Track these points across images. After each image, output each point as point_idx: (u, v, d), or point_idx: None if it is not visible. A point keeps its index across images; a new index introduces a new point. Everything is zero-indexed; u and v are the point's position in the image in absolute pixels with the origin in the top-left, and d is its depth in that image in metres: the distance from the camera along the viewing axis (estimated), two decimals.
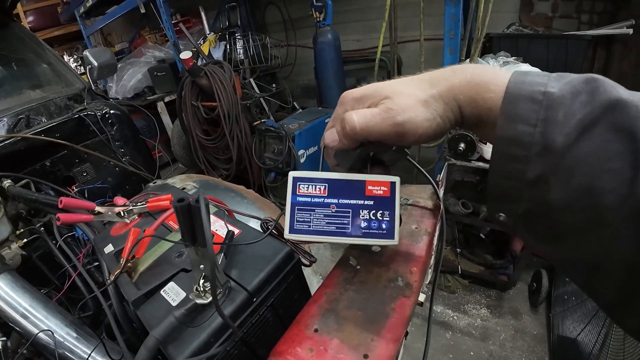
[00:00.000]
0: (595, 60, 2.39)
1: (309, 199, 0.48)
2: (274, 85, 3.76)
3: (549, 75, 0.33)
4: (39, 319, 0.77)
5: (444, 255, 2.28)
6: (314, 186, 0.48)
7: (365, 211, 0.47)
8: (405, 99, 0.38)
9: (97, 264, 0.90)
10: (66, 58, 5.34)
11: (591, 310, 1.72)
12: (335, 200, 0.48)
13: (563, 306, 1.90)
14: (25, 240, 1.05)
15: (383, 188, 0.47)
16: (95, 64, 1.72)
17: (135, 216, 0.87)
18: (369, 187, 0.47)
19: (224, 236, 0.65)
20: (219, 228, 0.71)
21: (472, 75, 0.36)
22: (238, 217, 0.83)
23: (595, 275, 0.31)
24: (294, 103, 3.93)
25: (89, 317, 0.85)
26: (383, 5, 2.40)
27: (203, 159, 3.21)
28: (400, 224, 0.48)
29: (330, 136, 0.44)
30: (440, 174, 0.76)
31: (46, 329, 0.74)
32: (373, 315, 0.46)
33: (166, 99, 3.92)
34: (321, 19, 2.76)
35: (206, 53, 3.27)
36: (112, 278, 0.66)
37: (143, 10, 3.37)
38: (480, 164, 1.77)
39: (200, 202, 0.40)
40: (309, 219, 0.48)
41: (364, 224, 0.47)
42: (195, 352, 0.49)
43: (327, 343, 0.43)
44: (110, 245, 0.79)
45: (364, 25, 3.55)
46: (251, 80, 3.44)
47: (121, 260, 0.68)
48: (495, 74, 0.35)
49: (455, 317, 2.10)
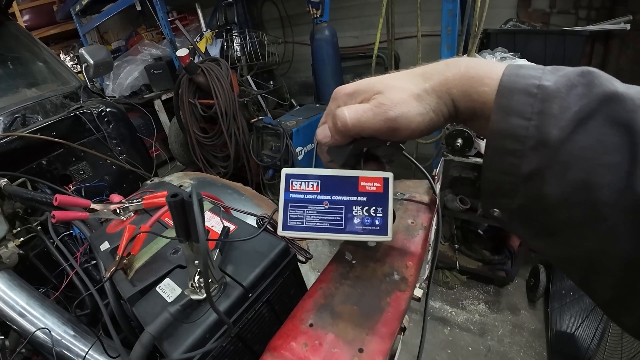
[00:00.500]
0: (592, 56, 2.39)
1: (301, 196, 0.48)
2: (271, 83, 3.76)
3: (544, 69, 0.32)
4: (36, 317, 0.77)
5: (442, 251, 2.28)
6: (306, 183, 0.48)
7: (359, 207, 0.47)
8: (398, 94, 0.37)
9: (95, 262, 0.90)
10: (62, 56, 5.31)
11: (589, 305, 1.73)
12: (328, 197, 0.47)
13: (561, 301, 1.91)
14: (22, 239, 1.05)
15: (376, 184, 0.47)
16: (92, 62, 1.72)
17: (131, 213, 0.87)
18: (362, 184, 0.47)
19: (220, 232, 0.65)
20: (215, 224, 0.71)
21: (466, 68, 0.35)
22: (235, 214, 0.83)
23: (591, 272, 0.30)
24: (292, 100, 3.94)
25: (87, 315, 0.85)
26: (380, 1, 2.40)
27: (201, 157, 3.20)
28: (394, 220, 0.48)
29: (323, 132, 0.43)
30: (436, 169, 0.76)
31: (43, 327, 0.74)
32: (368, 309, 0.46)
33: (163, 97, 3.91)
34: (318, 16, 2.75)
35: (203, 50, 3.25)
36: (108, 275, 0.66)
37: (139, 8, 3.36)
38: (478, 160, 1.77)
39: (192, 197, 0.40)
40: (302, 216, 0.47)
41: (357, 221, 0.47)
42: (191, 348, 0.49)
43: (322, 338, 0.43)
44: (106, 242, 0.79)
45: (361, 21, 3.55)
46: (248, 77, 3.43)
47: (117, 257, 0.68)
48: (490, 67, 0.34)
49: (453, 313, 2.11)
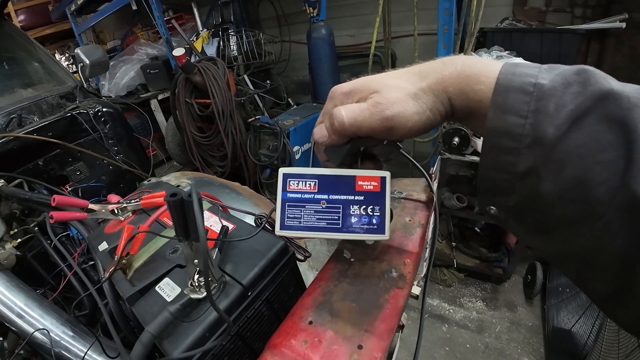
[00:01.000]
0: (588, 54, 2.40)
1: (299, 195, 0.48)
2: (268, 82, 3.75)
3: (540, 67, 0.32)
4: (34, 318, 0.76)
5: (440, 249, 2.29)
6: (304, 182, 0.48)
7: (356, 206, 0.47)
8: (394, 93, 0.37)
9: (92, 262, 0.90)
10: (58, 56, 5.28)
11: (585, 301, 1.74)
12: (325, 196, 0.48)
13: (557, 298, 1.92)
14: (19, 240, 1.05)
15: (373, 183, 0.47)
16: (87, 62, 1.71)
17: (129, 213, 0.87)
18: (359, 183, 0.47)
19: (219, 232, 0.65)
20: (214, 224, 0.71)
21: (462, 67, 0.36)
22: (233, 213, 0.83)
23: (587, 269, 0.30)
24: (289, 99, 3.94)
25: (85, 316, 0.85)
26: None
27: (198, 157, 3.19)
28: (392, 219, 0.48)
29: (320, 132, 0.43)
30: (433, 167, 0.76)
31: (42, 328, 0.74)
32: (367, 306, 0.47)
33: (160, 97, 3.89)
34: (315, 15, 2.75)
35: (199, 50, 3.24)
36: (107, 275, 0.66)
37: (135, 7, 3.35)
38: (475, 158, 1.78)
39: (192, 196, 0.40)
40: (300, 215, 0.48)
41: (354, 220, 0.47)
42: (191, 347, 0.49)
43: (322, 335, 0.44)
44: (105, 243, 0.79)
45: (357, 20, 3.55)
46: (245, 76, 3.43)
47: (115, 257, 0.68)
48: (486, 66, 0.34)
49: (451, 310, 2.12)
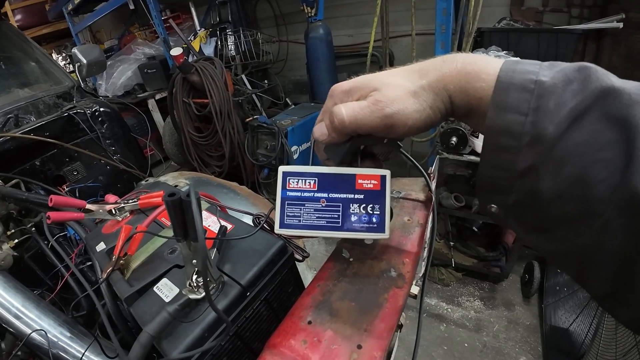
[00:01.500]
0: (585, 54, 2.41)
1: (299, 194, 0.48)
2: (265, 82, 3.75)
3: (541, 64, 0.32)
4: (32, 319, 0.76)
5: (438, 248, 2.30)
6: (303, 181, 0.48)
7: (356, 205, 0.47)
8: (394, 91, 0.37)
9: (90, 263, 0.90)
10: (55, 56, 5.25)
11: (583, 300, 1.75)
12: (325, 195, 0.47)
13: (555, 297, 1.93)
14: (16, 240, 1.04)
15: (373, 182, 0.47)
16: (84, 62, 1.70)
17: (127, 214, 0.87)
18: (359, 181, 0.47)
19: (217, 232, 0.65)
20: (212, 224, 0.71)
21: (463, 64, 0.35)
22: (231, 213, 0.83)
23: (586, 267, 0.30)
24: (286, 99, 3.93)
25: (83, 317, 0.85)
26: None
27: (195, 157, 3.19)
28: (392, 218, 0.48)
29: (320, 130, 0.43)
30: (432, 167, 0.76)
31: (39, 329, 0.74)
32: (366, 306, 0.47)
33: (157, 97, 3.87)
34: (312, 14, 2.75)
35: (197, 49, 3.24)
36: (105, 276, 0.66)
37: (132, 7, 3.34)
38: (472, 158, 1.79)
39: (191, 196, 0.40)
40: (299, 214, 0.47)
41: (354, 218, 0.47)
42: (190, 347, 0.49)
43: (321, 334, 0.44)
44: (102, 243, 0.78)
45: (355, 20, 3.55)
46: (243, 76, 3.42)
47: (113, 257, 0.67)
48: (486, 63, 0.34)
49: (449, 310, 2.13)
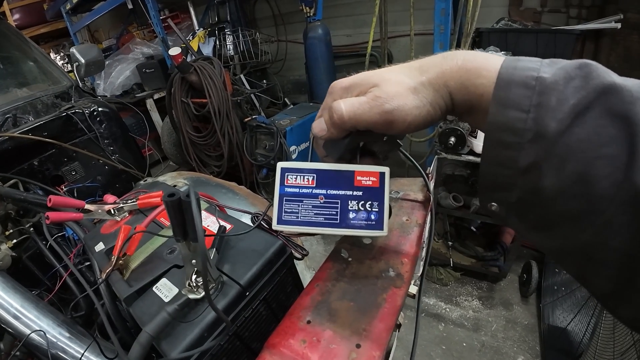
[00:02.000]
0: (583, 54, 2.41)
1: (297, 190, 0.47)
2: (264, 81, 3.75)
3: (542, 61, 0.32)
4: (30, 319, 0.76)
5: (436, 248, 2.30)
6: (302, 177, 0.47)
7: (354, 202, 0.46)
8: (394, 87, 0.37)
9: (88, 263, 0.89)
10: (53, 55, 5.24)
11: (580, 299, 1.76)
12: (323, 191, 0.47)
13: (553, 296, 1.94)
14: (14, 240, 1.04)
15: (372, 178, 0.46)
16: (83, 61, 1.70)
17: (126, 214, 0.87)
18: (358, 178, 0.46)
19: (216, 231, 0.65)
20: (211, 224, 0.71)
21: (463, 61, 0.35)
22: (229, 212, 0.83)
23: (589, 265, 0.30)
24: (285, 99, 3.93)
25: (82, 317, 0.85)
26: None
27: (194, 156, 3.18)
28: (390, 216, 0.48)
29: (319, 126, 0.43)
30: (430, 167, 0.77)
31: (38, 329, 0.74)
32: (365, 305, 0.47)
33: (155, 96, 3.87)
34: (311, 14, 2.75)
35: (195, 49, 3.23)
36: (104, 276, 0.66)
37: (130, 6, 3.34)
38: (471, 158, 1.79)
39: (190, 196, 0.40)
40: (297, 210, 0.47)
41: (352, 215, 0.46)
42: (189, 347, 0.49)
43: (320, 334, 0.44)
44: (101, 243, 0.78)
45: (354, 20, 3.56)
46: (241, 76, 3.42)
47: (112, 257, 0.68)
48: (487, 60, 0.34)
49: (447, 309, 2.13)
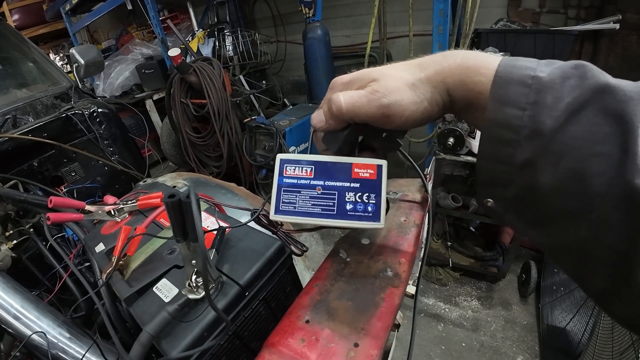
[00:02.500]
0: (582, 55, 2.42)
1: (295, 181, 0.48)
2: (263, 82, 3.76)
3: (539, 61, 0.33)
4: (31, 320, 0.76)
5: (435, 248, 2.31)
6: (300, 168, 0.48)
7: (351, 193, 0.47)
8: (393, 82, 0.38)
9: (88, 264, 0.90)
10: (52, 56, 5.23)
11: (579, 299, 1.76)
12: (321, 182, 0.47)
13: (552, 296, 1.94)
14: (14, 241, 1.04)
15: (370, 171, 0.47)
16: (82, 62, 1.70)
17: (126, 214, 0.87)
18: (356, 170, 0.47)
19: (216, 232, 0.66)
20: (211, 224, 0.72)
21: (462, 59, 0.36)
22: (228, 211, 0.83)
23: (584, 262, 0.30)
24: (284, 99, 3.94)
25: (82, 317, 0.85)
26: (372, 0, 2.41)
27: (193, 157, 3.19)
28: (388, 209, 0.48)
29: (318, 117, 0.44)
30: (428, 168, 0.77)
31: (39, 330, 0.74)
32: (363, 305, 0.47)
33: (155, 97, 3.88)
34: (310, 15, 2.76)
35: (195, 50, 3.23)
36: (105, 276, 0.66)
37: (130, 7, 3.34)
38: (469, 158, 1.80)
39: (191, 197, 0.41)
40: (295, 201, 0.48)
41: (349, 206, 0.47)
42: (189, 347, 0.50)
43: (319, 333, 0.44)
44: (101, 244, 0.79)
45: (353, 20, 3.56)
46: (241, 76, 3.43)
47: (113, 258, 0.68)
48: (486, 58, 0.35)
49: (446, 309, 2.14)
